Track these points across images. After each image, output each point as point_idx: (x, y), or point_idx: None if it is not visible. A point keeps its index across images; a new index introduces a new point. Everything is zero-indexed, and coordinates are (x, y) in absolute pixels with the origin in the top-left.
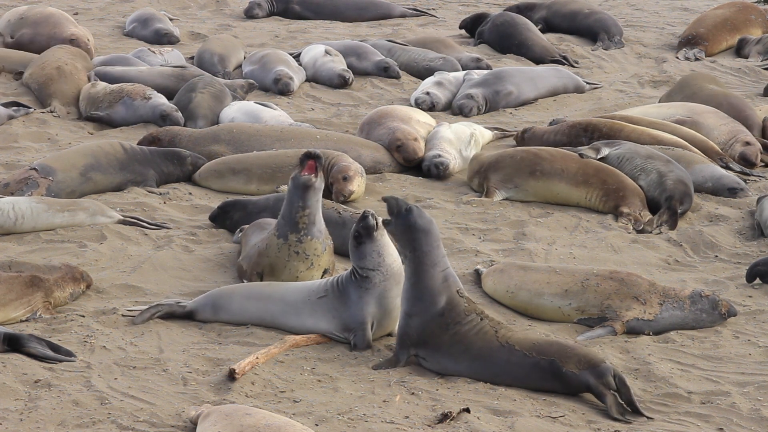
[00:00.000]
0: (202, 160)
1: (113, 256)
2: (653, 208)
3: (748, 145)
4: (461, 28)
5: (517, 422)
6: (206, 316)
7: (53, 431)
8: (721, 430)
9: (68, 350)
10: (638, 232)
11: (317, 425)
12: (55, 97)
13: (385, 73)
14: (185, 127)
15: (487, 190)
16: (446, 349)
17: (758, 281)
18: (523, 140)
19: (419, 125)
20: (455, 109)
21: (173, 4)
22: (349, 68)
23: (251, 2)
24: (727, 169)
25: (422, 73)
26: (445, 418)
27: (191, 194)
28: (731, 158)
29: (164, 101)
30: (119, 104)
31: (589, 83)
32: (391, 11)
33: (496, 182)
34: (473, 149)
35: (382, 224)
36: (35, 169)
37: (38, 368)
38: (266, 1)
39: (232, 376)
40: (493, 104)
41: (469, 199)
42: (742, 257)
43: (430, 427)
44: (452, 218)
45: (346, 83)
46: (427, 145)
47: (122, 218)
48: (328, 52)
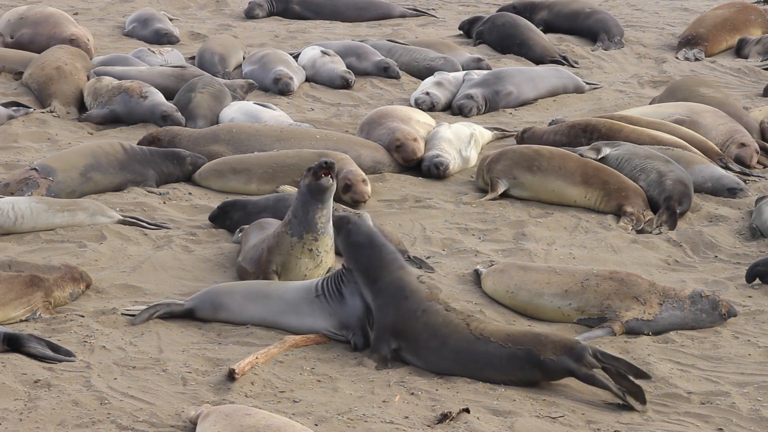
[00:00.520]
0: (202, 160)
1: (113, 256)
2: (653, 208)
3: (743, 146)
4: (461, 29)
5: (516, 422)
6: (205, 314)
7: (53, 431)
8: (720, 430)
9: (68, 350)
10: (638, 232)
11: (317, 425)
12: (54, 97)
13: (384, 73)
14: (185, 127)
15: (491, 182)
16: (424, 344)
17: (758, 281)
18: (522, 140)
19: (419, 125)
20: (455, 109)
21: (173, 4)
22: (348, 68)
23: (251, 2)
24: (726, 169)
25: (422, 73)
26: (444, 418)
27: (191, 194)
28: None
29: (162, 100)
30: (117, 99)
31: (588, 83)
32: (391, 11)
33: (498, 172)
34: (473, 149)
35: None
36: (35, 169)
37: (38, 368)
38: (266, 1)
39: (231, 376)
40: (493, 104)
41: (468, 200)
42: (741, 257)
43: (429, 427)
44: (452, 218)
45: (348, 85)
46: (426, 145)
47: (122, 218)
48: (325, 52)
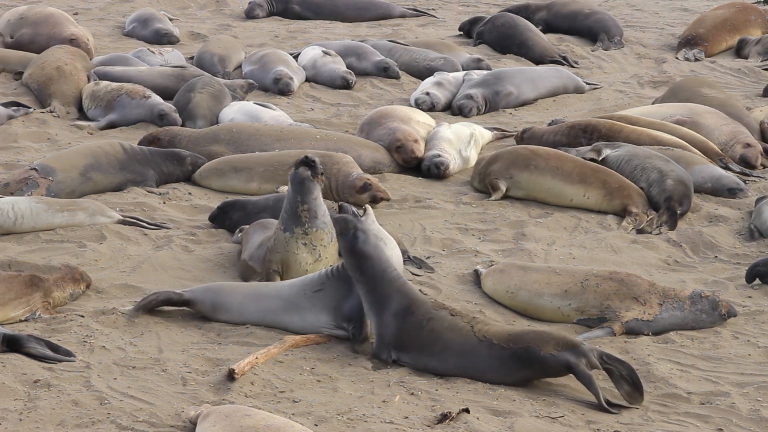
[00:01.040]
0: (201, 159)
1: (113, 256)
2: (653, 208)
3: (748, 146)
4: (461, 29)
5: (516, 422)
6: (203, 310)
7: (53, 431)
8: (720, 430)
9: (68, 350)
10: (638, 232)
11: (317, 425)
12: (54, 97)
13: (384, 73)
14: (184, 126)
15: (491, 184)
16: (427, 349)
17: (758, 282)
18: (522, 140)
19: (419, 126)
20: (455, 109)
21: (173, 4)
22: (348, 68)
23: (251, 2)
24: (726, 169)
25: (423, 73)
26: (444, 418)
27: (191, 194)
28: (731, 159)
29: (160, 100)
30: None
31: (588, 84)
32: (391, 11)
33: (495, 173)
34: (473, 149)
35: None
36: (35, 169)
37: (38, 368)
38: (266, 1)
39: (231, 376)
40: (492, 104)
41: (468, 200)
42: (741, 258)
43: (429, 427)
44: (452, 218)
45: (348, 85)
46: (426, 145)
47: (122, 218)
48: (326, 53)
